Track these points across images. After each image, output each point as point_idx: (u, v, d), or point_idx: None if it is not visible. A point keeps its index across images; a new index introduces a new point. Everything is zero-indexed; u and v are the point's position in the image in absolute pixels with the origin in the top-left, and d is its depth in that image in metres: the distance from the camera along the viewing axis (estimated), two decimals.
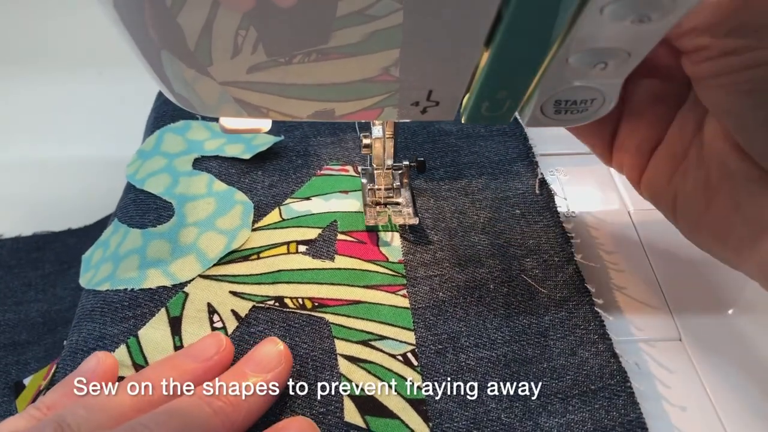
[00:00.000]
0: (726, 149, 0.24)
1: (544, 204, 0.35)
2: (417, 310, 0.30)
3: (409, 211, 0.33)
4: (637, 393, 0.27)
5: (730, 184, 0.25)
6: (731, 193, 0.25)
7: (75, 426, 0.22)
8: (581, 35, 0.18)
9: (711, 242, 0.26)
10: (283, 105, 0.21)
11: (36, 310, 0.39)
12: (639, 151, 0.28)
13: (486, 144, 0.39)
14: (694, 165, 0.26)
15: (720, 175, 0.25)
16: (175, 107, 0.41)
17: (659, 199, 0.28)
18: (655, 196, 0.28)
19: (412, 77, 0.19)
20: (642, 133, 0.28)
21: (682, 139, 0.27)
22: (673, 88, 0.27)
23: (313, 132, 0.40)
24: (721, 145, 0.25)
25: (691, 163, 0.26)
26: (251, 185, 0.36)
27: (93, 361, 0.27)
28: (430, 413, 0.27)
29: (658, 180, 0.28)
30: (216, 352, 0.27)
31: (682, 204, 0.27)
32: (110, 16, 0.18)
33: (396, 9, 0.16)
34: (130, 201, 0.36)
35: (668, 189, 0.27)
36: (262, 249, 0.33)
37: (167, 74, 0.20)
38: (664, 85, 0.27)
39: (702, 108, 0.25)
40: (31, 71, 0.57)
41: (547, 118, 0.22)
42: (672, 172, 0.27)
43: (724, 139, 0.24)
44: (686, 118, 0.27)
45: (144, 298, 0.30)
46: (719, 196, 0.25)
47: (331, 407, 0.27)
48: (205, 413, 0.23)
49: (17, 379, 0.35)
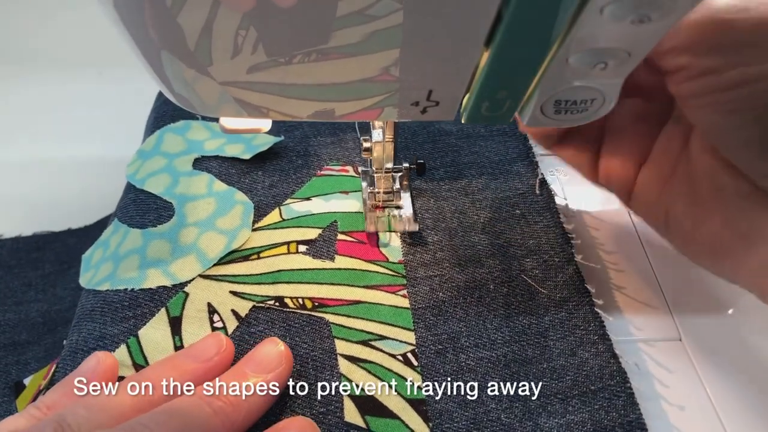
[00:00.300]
0: (714, 164, 0.24)
1: (544, 204, 0.35)
2: (417, 310, 0.30)
3: (409, 217, 0.33)
4: (636, 393, 0.27)
5: (720, 199, 0.24)
6: (722, 208, 0.24)
7: (75, 426, 0.22)
8: (581, 35, 0.18)
9: (704, 257, 0.26)
10: (283, 105, 0.21)
11: (36, 310, 0.39)
12: (624, 168, 0.28)
13: (486, 144, 0.39)
14: (683, 181, 0.26)
15: (709, 190, 0.25)
16: (175, 107, 0.41)
17: (650, 215, 0.28)
18: (646, 212, 0.28)
19: (412, 77, 0.19)
20: (625, 150, 0.28)
21: (668, 155, 0.26)
22: (655, 106, 0.27)
23: (313, 132, 0.40)
24: (709, 160, 0.24)
25: (680, 179, 0.26)
26: (251, 185, 0.36)
27: (93, 361, 0.27)
28: (430, 413, 0.27)
29: (647, 197, 0.27)
30: (216, 353, 0.27)
31: (673, 220, 0.26)
32: (110, 16, 0.18)
33: (396, 9, 0.16)
34: (130, 201, 0.36)
35: (658, 205, 0.27)
36: (262, 249, 0.33)
37: (167, 74, 0.20)
38: (645, 104, 0.27)
39: (687, 124, 0.25)
40: (31, 71, 0.57)
41: (547, 118, 0.22)
42: (661, 188, 0.27)
43: (712, 155, 0.24)
44: (671, 134, 0.26)
45: (144, 298, 0.30)
46: (710, 212, 0.25)
47: (331, 407, 0.27)
48: (205, 413, 0.23)
49: (17, 379, 0.35)
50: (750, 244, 0.24)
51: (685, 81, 0.21)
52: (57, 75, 0.57)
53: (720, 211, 0.25)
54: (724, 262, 0.25)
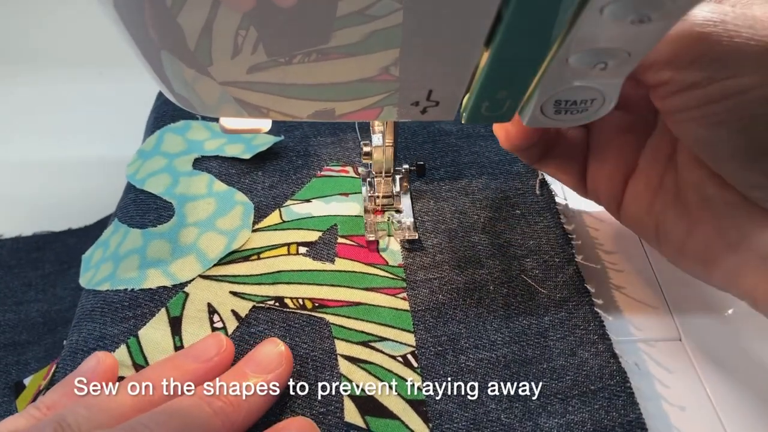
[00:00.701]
0: (701, 175, 0.24)
1: (544, 205, 0.35)
2: (417, 312, 0.30)
3: (409, 225, 0.33)
4: (636, 393, 0.27)
5: (710, 210, 0.24)
6: (712, 219, 0.24)
7: (75, 425, 0.22)
8: (581, 35, 0.18)
9: (697, 268, 0.26)
10: (283, 105, 0.21)
11: (36, 310, 0.39)
12: (611, 181, 0.28)
13: (486, 144, 0.39)
14: (672, 192, 0.26)
15: (699, 201, 0.25)
16: (175, 107, 0.41)
17: (640, 227, 0.28)
18: (636, 225, 0.28)
19: (411, 77, 0.19)
20: (612, 163, 0.28)
21: (655, 167, 0.26)
22: (639, 118, 0.27)
23: (313, 132, 0.40)
24: (696, 171, 0.24)
25: (668, 191, 0.26)
26: (251, 186, 0.36)
27: (93, 361, 0.27)
28: (430, 414, 0.26)
29: (636, 209, 0.27)
30: (216, 353, 0.27)
31: (664, 232, 0.26)
32: (110, 16, 0.18)
33: (396, 9, 0.16)
34: (130, 201, 0.36)
35: (648, 218, 0.27)
36: (262, 250, 0.33)
37: (167, 74, 0.20)
38: (629, 116, 0.27)
39: (672, 136, 0.25)
40: (31, 71, 0.57)
41: (547, 118, 0.22)
42: (650, 200, 0.27)
43: (698, 165, 0.24)
44: (657, 146, 0.26)
45: (144, 298, 0.30)
46: (700, 223, 0.25)
47: (331, 407, 0.27)
48: (205, 413, 0.23)
49: (17, 379, 0.35)
50: (743, 254, 0.24)
51: (668, 96, 0.21)
52: (57, 75, 0.57)
53: (709, 222, 0.24)
54: (715, 271, 0.25)
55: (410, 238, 0.33)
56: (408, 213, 0.34)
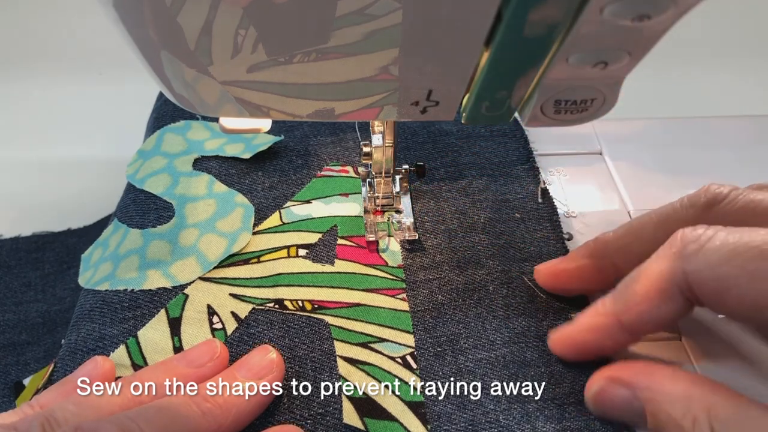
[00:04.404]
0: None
1: (545, 214, 0.35)
2: (416, 313, 0.30)
3: (409, 226, 0.33)
4: None
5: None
6: None
7: (63, 421, 0.22)
8: (581, 35, 0.18)
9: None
10: (283, 104, 0.21)
11: (36, 311, 0.39)
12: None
13: (486, 144, 0.39)
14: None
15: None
16: (175, 107, 0.41)
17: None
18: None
19: (411, 77, 0.19)
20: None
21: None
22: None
23: (313, 132, 0.40)
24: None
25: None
26: (251, 186, 0.36)
27: (90, 365, 0.27)
28: (428, 415, 0.26)
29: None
30: (210, 359, 0.27)
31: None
32: (110, 16, 0.18)
33: (395, 8, 0.16)
34: (130, 201, 0.35)
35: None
36: (262, 252, 0.33)
37: (167, 74, 0.20)
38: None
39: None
40: (31, 72, 0.57)
41: (547, 118, 0.22)
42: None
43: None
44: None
45: (144, 299, 0.30)
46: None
47: (329, 408, 0.27)
48: (193, 413, 0.23)
49: (17, 379, 0.35)
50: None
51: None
52: (57, 75, 0.57)
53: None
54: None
55: (410, 239, 0.33)
56: (408, 213, 0.34)
